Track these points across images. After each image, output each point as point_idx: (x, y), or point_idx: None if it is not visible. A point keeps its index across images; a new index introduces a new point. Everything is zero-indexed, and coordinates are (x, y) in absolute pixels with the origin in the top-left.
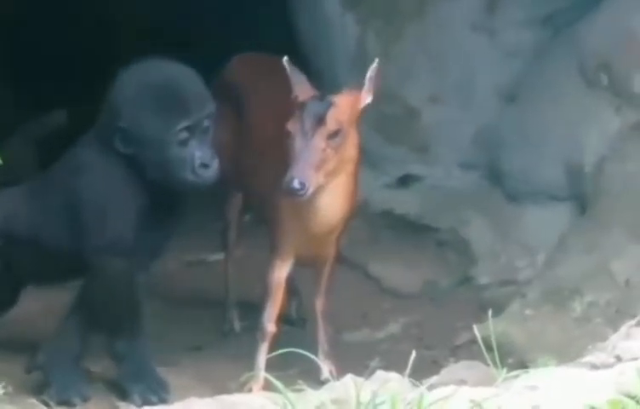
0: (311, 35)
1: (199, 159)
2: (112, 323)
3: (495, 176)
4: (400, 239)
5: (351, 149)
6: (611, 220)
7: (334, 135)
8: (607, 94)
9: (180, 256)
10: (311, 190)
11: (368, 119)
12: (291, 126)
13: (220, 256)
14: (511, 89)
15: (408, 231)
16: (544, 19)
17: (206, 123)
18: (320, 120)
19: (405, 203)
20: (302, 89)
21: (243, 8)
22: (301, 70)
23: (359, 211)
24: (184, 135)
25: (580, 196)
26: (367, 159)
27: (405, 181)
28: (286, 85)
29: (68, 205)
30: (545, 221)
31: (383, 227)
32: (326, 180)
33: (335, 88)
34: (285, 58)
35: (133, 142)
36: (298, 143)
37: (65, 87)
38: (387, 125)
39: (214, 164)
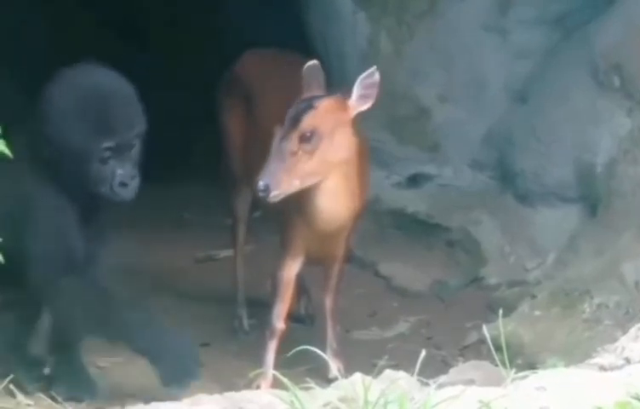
0: (323, 33)
1: (119, 178)
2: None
3: (505, 177)
4: (410, 239)
5: (338, 152)
6: (621, 222)
7: (307, 138)
8: (618, 95)
9: (190, 252)
10: (276, 192)
11: (378, 119)
12: (278, 127)
13: (229, 253)
14: (522, 90)
15: (418, 230)
16: (555, 19)
17: (133, 142)
18: (295, 122)
19: (415, 202)
20: (310, 91)
21: (256, 6)
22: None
23: (369, 210)
24: (106, 153)
25: (591, 197)
26: (377, 158)
27: (415, 180)
28: (296, 81)
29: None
30: (555, 222)
31: (393, 226)
32: (303, 182)
33: (345, 86)
34: (311, 63)
35: (54, 149)
36: (274, 144)
37: None
38: (398, 124)
39: (134, 183)
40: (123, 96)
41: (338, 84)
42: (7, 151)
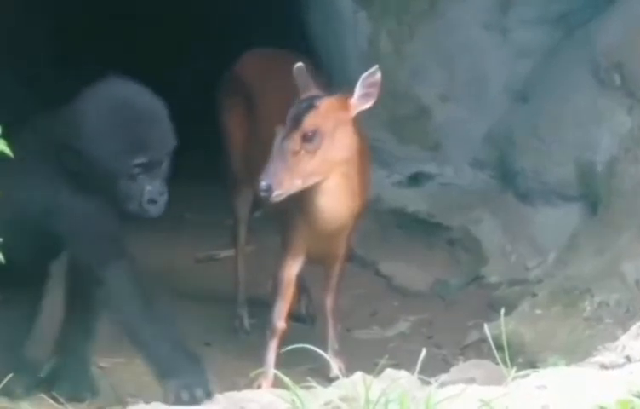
0: (324, 33)
1: (148, 195)
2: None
3: (506, 175)
4: (411, 238)
5: (339, 151)
6: (622, 220)
7: (309, 137)
8: (619, 94)
9: (191, 252)
10: (278, 192)
11: (379, 118)
12: (279, 127)
13: (230, 253)
14: (523, 89)
15: (419, 229)
16: (556, 18)
17: (163, 159)
18: (297, 122)
19: (416, 201)
20: (308, 91)
21: (257, 6)
22: (314, 69)
23: (370, 209)
24: (137, 170)
25: (592, 196)
26: (378, 158)
27: (416, 179)
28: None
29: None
30: (555, 221)
31: (394, 225)
32: (304, 182)
33: (346, 85)
34: (298, 65)
35: (84, 163)
36: (275, 144)
37: None
38: (399, 124)
39: (162, 200)
40: (155, 113)
41: (339, 84)
42: (7, 150)
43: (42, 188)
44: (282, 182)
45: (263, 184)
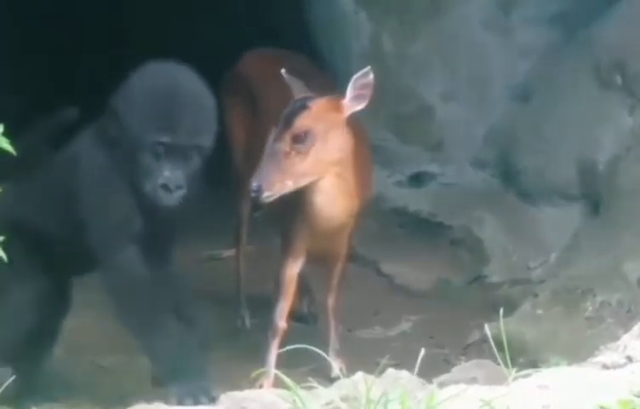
0: (326, 32)
1: (163, 179)
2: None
3: (508, 175)
4: (412, 237)
5: (332, 152)
6: (624, 220)
7: (300, 138)
8: (621, 93)
9: (192, 251)
10: (268, 193)
11: (381, 117)
12: (274, 127)
13: (231, 253)
14: (525, 88)
15: (421, 229)
16: (557, 18)
17: (191, 152)
18: (288, 123)
19: (418, 201)
20: (301, 93)
21: (259, 5)
22: (318, 69)
23: (371, 209)
24: (160, 149)
25: (593, 196)
26: (380, 157)
27: (418, 178)
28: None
29: (68, 197)
30: (557, 221)
31: (396, 224)
32: (296, 183)
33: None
34: (283, 71)
35: (119, 127)
36: (267, 145)
37: None
38: (401, 123)
39: (178, 193)
40: (196, 103)
41: (343, 83)
42: (9, 148)
43: (70, 166)
44: (272, 183)
45: (253, 185)
